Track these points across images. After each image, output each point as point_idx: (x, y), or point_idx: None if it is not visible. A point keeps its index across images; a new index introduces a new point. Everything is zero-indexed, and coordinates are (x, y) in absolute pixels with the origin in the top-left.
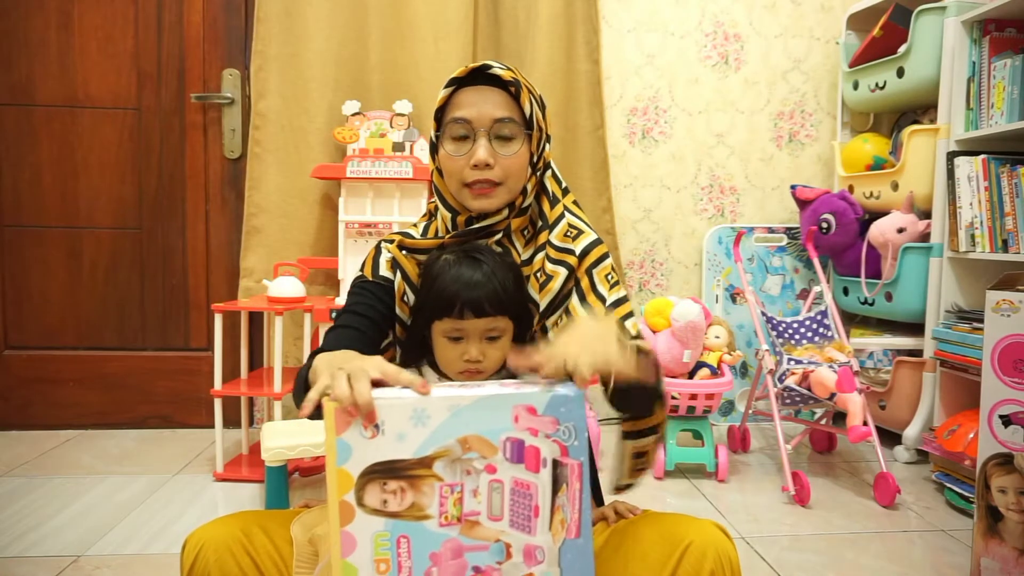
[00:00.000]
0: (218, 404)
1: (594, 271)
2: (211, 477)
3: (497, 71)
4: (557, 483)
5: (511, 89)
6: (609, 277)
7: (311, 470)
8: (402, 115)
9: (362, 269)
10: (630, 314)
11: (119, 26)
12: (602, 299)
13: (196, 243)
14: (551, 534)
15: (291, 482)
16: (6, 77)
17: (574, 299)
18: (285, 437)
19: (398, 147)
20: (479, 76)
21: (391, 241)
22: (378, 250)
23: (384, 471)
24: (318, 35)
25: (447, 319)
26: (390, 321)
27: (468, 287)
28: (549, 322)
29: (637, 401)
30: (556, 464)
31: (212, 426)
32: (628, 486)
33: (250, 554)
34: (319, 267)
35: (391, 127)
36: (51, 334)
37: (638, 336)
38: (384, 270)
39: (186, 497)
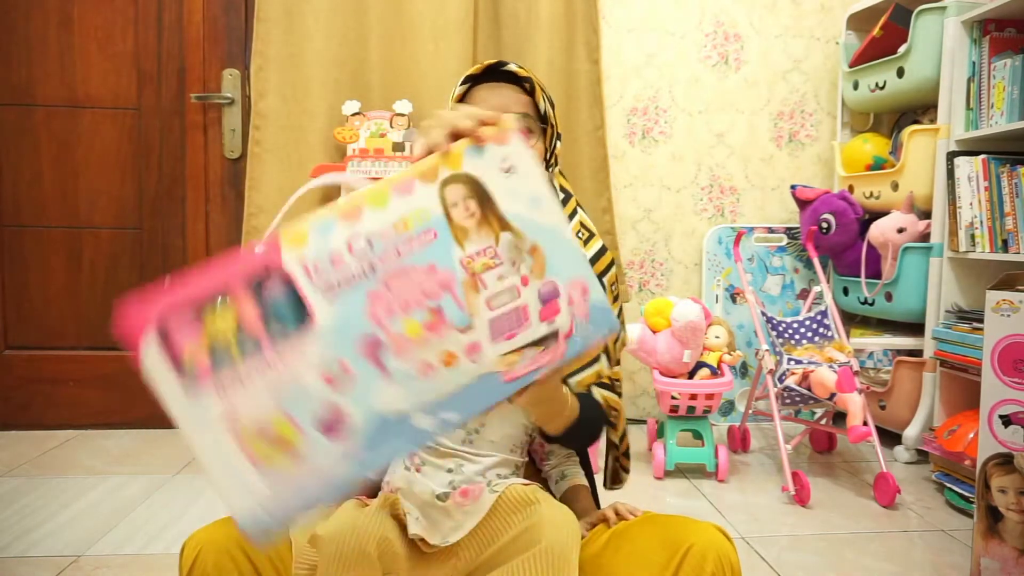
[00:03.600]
0: None
1: (603, 280)
2: None
3: (513, 68)
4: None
5: (526, 86)
6: (613, 288)
7: None
8: (402, 115)
9: None
10: (617, 338)
11: (119, 26)
12: None
13: (196, 243)
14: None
15: None
16: (6, 77)
17: None
18: None
19: (398, 147)
20: (494, 73)
21: None
22: None
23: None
24: (318, 35)
25: None
26: None
27: None
28: None
29: (572, 443)
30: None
31: None
32: (619, 473)
33: (249, 556)
34: None
35: (391, 127)
36: (51, 334)
37: (610, 378)
38: None
39: (186, 497)
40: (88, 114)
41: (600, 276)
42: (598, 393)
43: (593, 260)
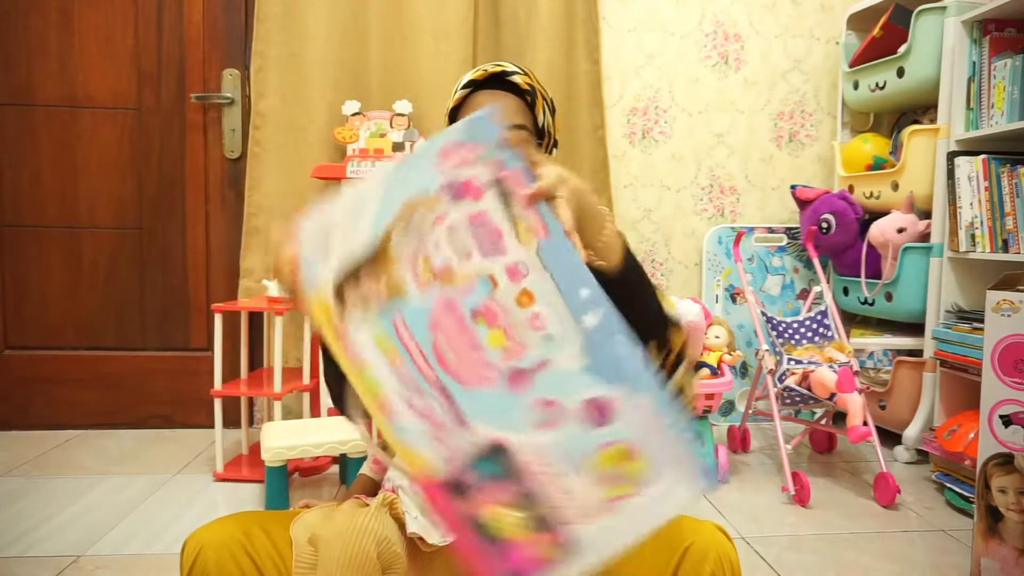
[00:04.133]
0: (218, 404)
1: None
2: (211, 477)
3: (516, 79)
4: (505, 197)
5: (527, 98)
6: None
7: (311, 470)
8: (402, 115)
9: None
10: None
11: (119, 26)
12: None
13: (196, 243)
14: (524, 245)
15: (291, 482)
16: (6, 77)
17: None
18: (285, 437)
19: (398, 147)
20: (496, 80)
21: None
22: None
23: (351, 275)
24: (318, 35)
25: None
26: None
27: None
28: None
29: (640, 306)
30: (496, 182)
31: (212, 426)
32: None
33: (250, 555)
34: None
35: (391, 127)
36: (51, 334)
37: None
38: None
39: (186, 497)
40: (88, 114)
41: None
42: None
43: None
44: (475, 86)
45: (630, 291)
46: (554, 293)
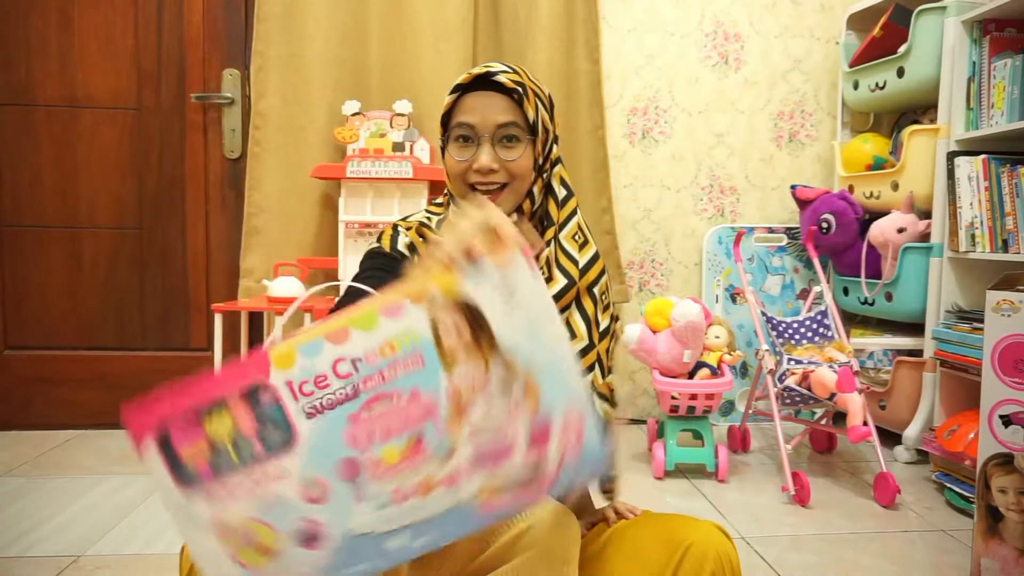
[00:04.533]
0: None
1: (594, 289)
2: None
3: (501, 78)
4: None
5: (514, 96)
6: (603, 297)
7: None
8: (402, 115)
9: (379, 241)
10: (614, 338)
11: (119, 26)
12: (597, 322)
13: (196, 243)
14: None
15: None
16: (6, 77)
17: (575, 315)
18: None
19: (398, 147)
20: (483, 81)
21: (409, 228)
22: (396, 230)
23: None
24: (318, 35)
25: None
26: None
27: None
28: None
29: None
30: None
31: None
32: (612, 479)
33: None
34: (319, 267)
35: (391, 127)
36: (51, 334)
37: (604, 387)
38: (402, 247)
39: None
40: (88, 114)
41: (591, 286)
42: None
43: (584, 269)
44: (463, 89)
45: None
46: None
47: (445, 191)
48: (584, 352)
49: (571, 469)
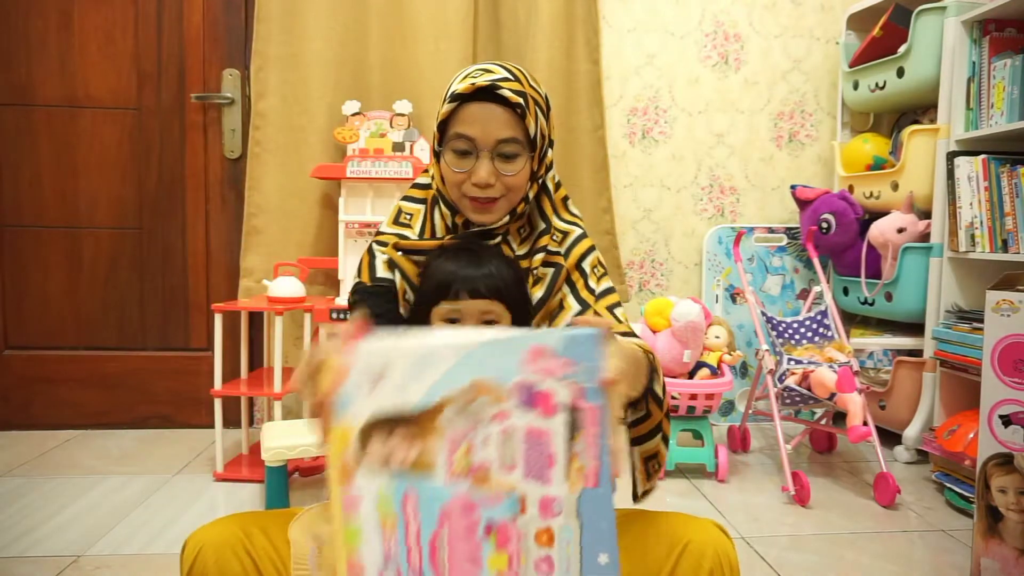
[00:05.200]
0: (218, 404)
1: (583, 265)
2: (211, 477)
3: (504, 91)
4: (574, 428)
5: (517, 110)
6: (596, 269)
7: (311, 470)
8: (402, 115)
9: (359, 275)
10: (618, 303)
11: (119, 26)
12: (592, 292)
13: (196, 243)
14: (568, 483)
15: (291, 482)
16: (6, 77)
17: (569, 297)
18: (285, 437)
19: (398, 147)
20: (485, 92)
21: (383, 244)
22: (372, 254)
23: (387, 423)
24: (318, 35)
25: (444, 303)
26: (396, 321)
27: (465, 268)
28: (534, 321)
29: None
30: (572, 408)
31: (212, 426)
32: (646, 492)
33: (250, 554)
34: (319, 267)
35: (391, 127)
36: (51, 334)
37: (630, 332)
38: (382, 271)
39: (186, 497)
40: (88, 114)
41: (580, 263)
42: (628, 340)
43: (569, 251)
44: (462, 99)
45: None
46: (575, 547)
47: (430, 184)
48: (578, 316)
49: (578, 371)
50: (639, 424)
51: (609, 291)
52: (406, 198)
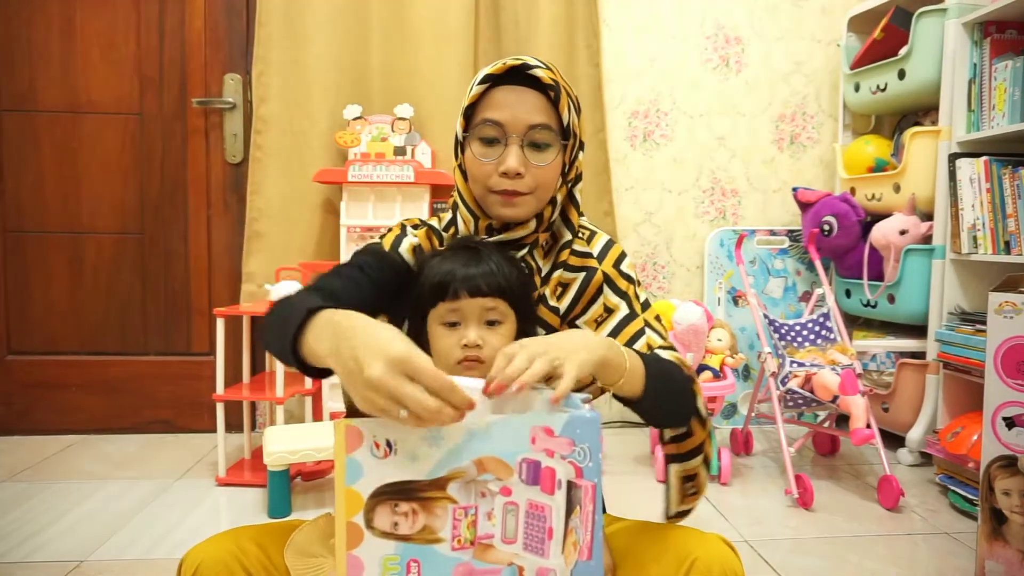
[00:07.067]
0: (220, 409)
1: (622, 267)
2: (213, 482)
3: (537, 72)
4: (571, 504)
5: (550, 93)
6: (633, 276)
7: (313, 474)
8: (403, 119)
9: (381, 238)
10: (657, 316)
11: (121, 32)
12: (638, 299)
13: (198, 248)
14: (564, 557)
15: (293, 486)
16: (9, 83)
17: (610, 294)
18: (287, 442)
19: (399, 151)
20: (517, 74)
21: (416, 227)
22: (403, 231)
23: (396, 492)
24: (319, 39)
25: (442, 303)
26: (388, 295)
27: (464, 266)
28: (581, 321)
29: (665, 414)
30: (570, 485)
31: (214, 431)
32: (682, 513)
33: (248, 571)
34: (321, 271)
35: (392, 131)
36: (53, 339)
37: (670, 346)
38: (404, 251)
39: (188, 502)
40: (90, 119)
41: (617, 265)
42: (667, 354)
43: (602, 255)
44: (494, 81)
45: (658, 401)
46: None
47: (452, 198)
48: (627, 321)
49: (578, 457)
50: (680, 441)
51: (648, 303)
52: (431, 217)
